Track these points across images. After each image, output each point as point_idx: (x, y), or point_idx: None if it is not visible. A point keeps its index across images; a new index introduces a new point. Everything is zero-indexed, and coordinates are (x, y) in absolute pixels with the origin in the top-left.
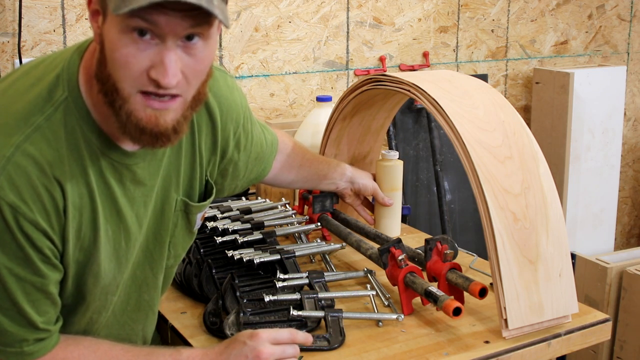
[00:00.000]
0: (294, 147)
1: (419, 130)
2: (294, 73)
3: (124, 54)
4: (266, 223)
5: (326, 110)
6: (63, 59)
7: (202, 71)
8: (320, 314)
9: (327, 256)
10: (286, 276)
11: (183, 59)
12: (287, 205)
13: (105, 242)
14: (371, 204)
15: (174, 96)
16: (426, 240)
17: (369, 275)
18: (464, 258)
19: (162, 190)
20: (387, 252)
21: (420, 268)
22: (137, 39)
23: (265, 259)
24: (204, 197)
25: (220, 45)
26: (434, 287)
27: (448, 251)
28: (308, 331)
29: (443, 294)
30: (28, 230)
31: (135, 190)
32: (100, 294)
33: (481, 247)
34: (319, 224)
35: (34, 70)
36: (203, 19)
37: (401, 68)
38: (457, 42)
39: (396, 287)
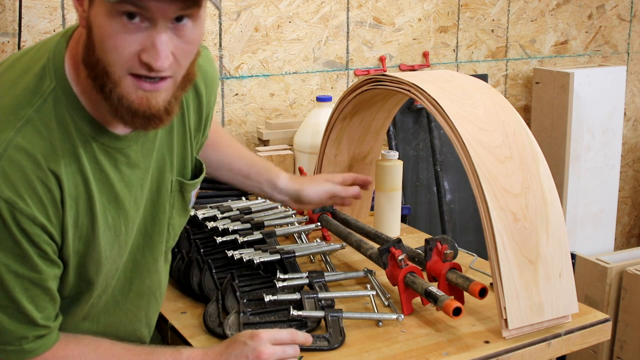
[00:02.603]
0: (219, 128)
1: (419, 130)
2: (294, 73)
3: (114, 39)
4: (266, 223)
5: (326, 110)
6: (47, 49)
7: (192, 52)
8: (320, 314)
9: (327, 256)
10: (286, 276)
11: (173, 41)
12: None
13: (105, 229)
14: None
15: (164, 77)
16: (426, 240)
17: (369, 275)
18: (464, 258)
19: (157, 171)
20: (387, 252)
21: (420, 268)
22: (127, 22)
23: (266, 259)
24: (195, 174)
25: (220, 45)
26: (434, 287)
27: (448, 251)
28: (308, 331)
29: (443, 294)
30: (25, 225)
31: (131, 174)
32: (102, 280)
33: (481, 247)
34: (319, 224)
35: (18, 63)
36: (192, 1)
37: (401, 68)
38: (457, 42)
39: (396, 287)
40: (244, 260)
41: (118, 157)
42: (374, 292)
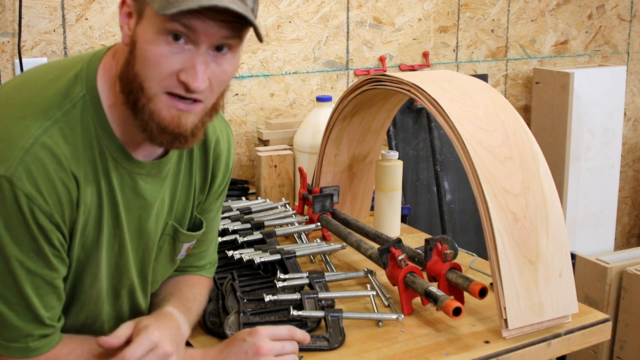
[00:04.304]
0: (197, 280)
1: (419, 130)
2: (294, 73)
3: (157, 54)
4: (266, 223)
5: (326, 110)
6: (82, 60)
7: (226, 81)
8: (321, 314)
9: (327, 256)
10: (286, 276)
11: (211, 67)
12: (287, 205)
13: (106, 244)
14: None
15: (196, 101)
16: (426, 240)
17: (369, 275)
18: (464, 258)
19: (161, 211)
20: (387, 252)
21: (420, 268)
22: (172, 41)
23: (266, 259)
24: (192, 230)
25: None
26: (434, 287)
27: (448, 251)
28: (308, 331)
29: (443, 294)
30: (43, 222)
31: (132, 200)
32: (97, 298)
33: (481, 247)
34: (319, 224)
35: (52, 69)
36: (236, 31)
37: (401, 68)
38: (457, 42)
39: (396, 287)
40: (244, 260)
41: (125, 178)
42: (374, 292)
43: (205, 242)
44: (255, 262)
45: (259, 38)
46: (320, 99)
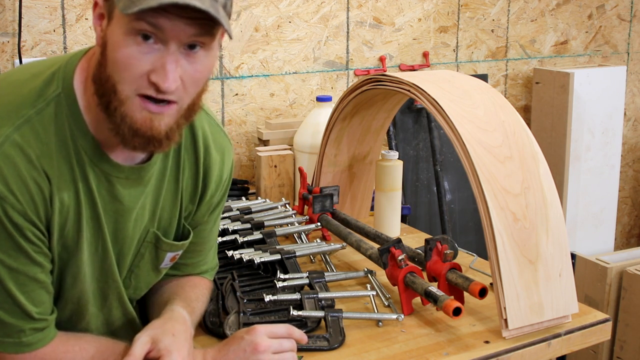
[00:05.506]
0: (197, 282)
1: (419, 130)
2: (294, 73)
3: (127, 56)
4: (266, 223)
5: (326, 110)
6: (62, 60)
7: (201, 80)
8: (320, 314)
9: (327, 256)
10: (286, 276)
11: (183, 66)
12: (287, 205)
13: (86, 245)
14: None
15: (170, 102)
16: (426, 240)
17: (369, 275)
18: (464, 258)
19: (141, 217)
20: (387, 252)
21: (420, 268)
22: (141, 42)
23: (266, 259)
24: (179, 239)
25: (220, 45)
26: (434, 287)
27: (448, 251)
28: (308, 331)
29: (443, 294)
30: (17, 220)
31: (109, 202)
32: (79, 298)
33: (481, 247)
34: (319, 224)
35: (31, 67)
36: (206, 28)
37: (401, 68)
38: (457, 42)
39: (396, 287)
40: (244, 260)
41: (102, 180)
42: (374, 292)
43: (202, 252)
44: (255, 262)
45: (228, 35)
46: (320, 99)
